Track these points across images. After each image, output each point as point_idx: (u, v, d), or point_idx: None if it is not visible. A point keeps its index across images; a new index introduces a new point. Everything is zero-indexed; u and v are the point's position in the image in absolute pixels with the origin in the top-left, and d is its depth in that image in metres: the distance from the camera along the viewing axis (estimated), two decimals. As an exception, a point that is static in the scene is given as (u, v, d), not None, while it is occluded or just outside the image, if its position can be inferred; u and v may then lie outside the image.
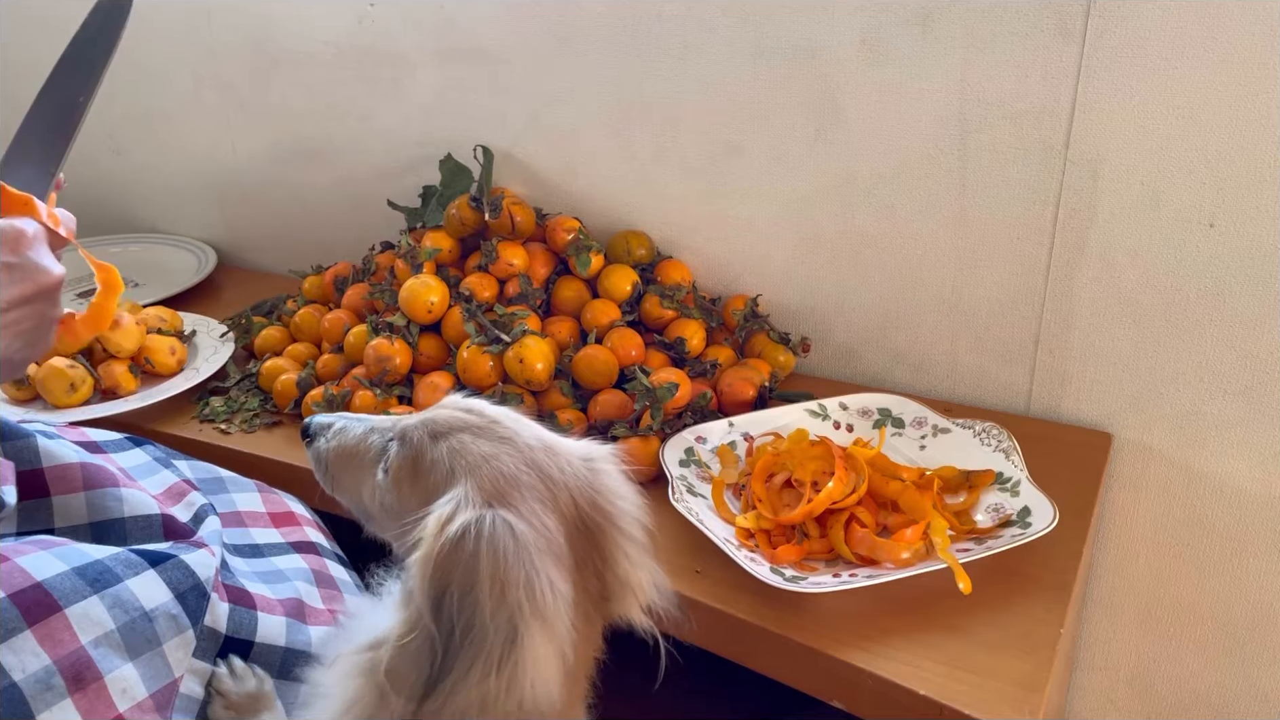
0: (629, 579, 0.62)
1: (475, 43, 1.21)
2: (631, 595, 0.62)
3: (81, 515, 0.70)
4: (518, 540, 0.56)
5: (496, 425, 0.62)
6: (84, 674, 0.58)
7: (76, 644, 0.59)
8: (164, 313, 1.23)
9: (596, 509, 0.62)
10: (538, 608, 0.54)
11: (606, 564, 0.61)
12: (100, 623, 0.60)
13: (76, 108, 0.69)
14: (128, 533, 0.70)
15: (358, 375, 1.07)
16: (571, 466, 0.62)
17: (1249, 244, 0.91)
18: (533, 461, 0.61)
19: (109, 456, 0.78)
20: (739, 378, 1.04)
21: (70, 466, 0.71)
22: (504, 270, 1.14)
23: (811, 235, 1.11)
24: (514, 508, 0.57)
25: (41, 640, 0.58)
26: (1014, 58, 0.94)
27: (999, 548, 0.80)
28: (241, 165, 1.48)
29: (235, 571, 0.73)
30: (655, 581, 0.63)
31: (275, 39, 1.34)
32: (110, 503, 0.71)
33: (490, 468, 0.59)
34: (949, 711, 0.69)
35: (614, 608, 0.62)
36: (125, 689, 0.60)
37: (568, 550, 0.59)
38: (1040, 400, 1.06)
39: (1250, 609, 1.03)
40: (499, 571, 0.54)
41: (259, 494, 0.84)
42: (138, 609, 0.62)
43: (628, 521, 0.62)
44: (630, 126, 1.16)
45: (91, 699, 0.58)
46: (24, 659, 0.57)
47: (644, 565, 0.63)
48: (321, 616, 0.75)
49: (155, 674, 0.62)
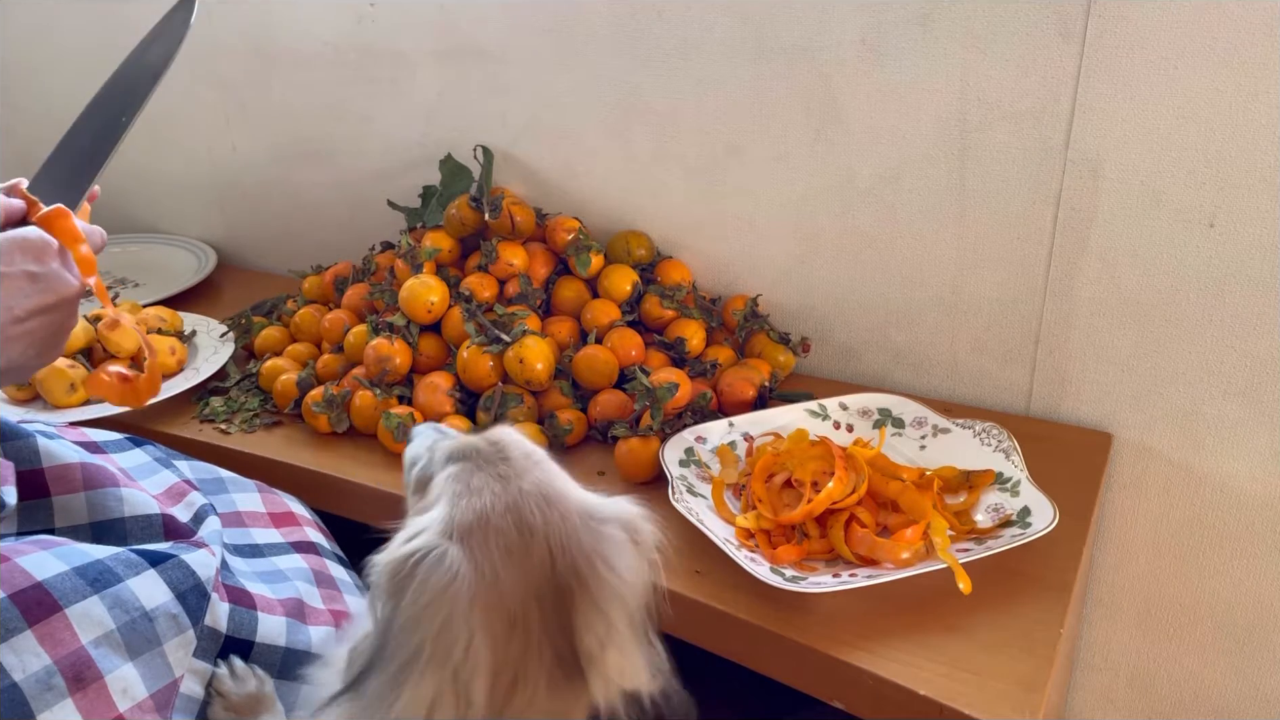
0: (595, 659, 0.55)
1: (475, 43, 1.21)
2: (599, 677, 0.55)
3: (82, 515, 0.70)
4: (453, 582, 0.53)
5: (503, 463, 0.59)
6: (84, 674, 0.58)
7: (77, 644, 0.59)
8: (164, 313, 1.23)
9: (574, 572, 0.56)
10: (440, 656, 0.52)
11: (573, 635, 0.55)
12: (100, 622, 0.60)
13: (119, 128, 0.69)
14: (128, 532, 0.70)
15: (358, 375, 1.07)
16: (566, 522, 0.57)
17: (1249, 244, 0.91)
18: (514, 506, 0.56)
19: (109, 456, 0.78)
20: (739, 378, 1.04)
21: (70, 466, 0.71)
22: (504, 270, 1.14)
23: (811, 235, 1.11)
24: (471, 550, 0.54)
25: (42, 640, 0.58)
26: (1014, 58, 0.94)
27: (999, 548, 0.80)
28: (241, 165, 1.48)
29: (235, 571, 0.73)
30: (646, 666, 0.57)
31: (275, 39, 1.34)
32: (110, 502, 0.71)
33: (470, 503, 0.56)
34: (949, 711, 0.69)
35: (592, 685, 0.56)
36: (125, 689, 0.60)
37: (522, 609, 0.54)
38: (1040, 400, 1.06)
39: (1250, 609, 1.03)
40: (420, 606, 0.52)
41: (259, 494, 0.84)
42: (138, 609, 0.62)
43: (604, 594, 0.55)
44: (630, 126, 1.16)
45: (92, 699, 0.58)
46: (24, 659, 0.57)
47: (619, 646, 0.55)
48: (321, 616, 0.75)
49: (155, 674, 0.62)
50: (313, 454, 1.04)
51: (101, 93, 0.70)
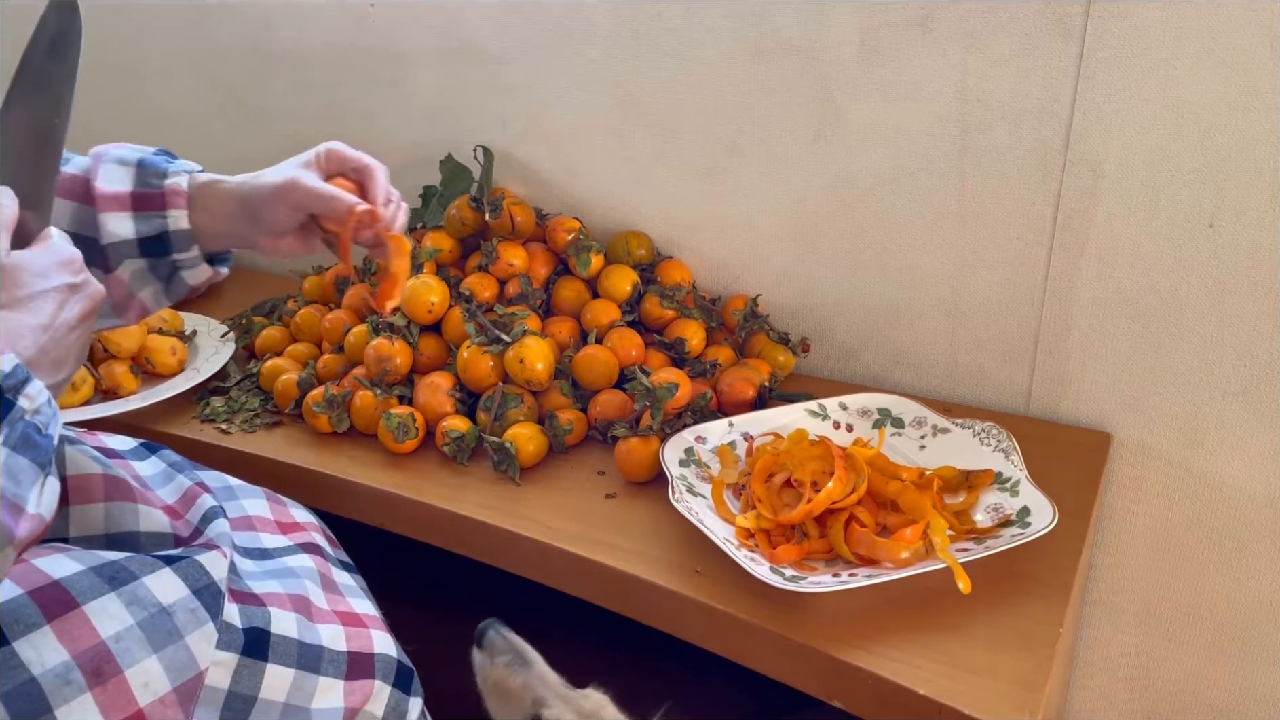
0: None
1: (475, 43, 1.21)
2: None
3: (99, 526, 0.71)
4: None
5: None
6: (103, 668, 0.58)
7: (97, 639, 0.59)
8: (164, 312, 1.23)
9: None
10: None
11: None
12: (119, 618, 0.60)
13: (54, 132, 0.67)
14: (140, 546, 0.71)
15: (358, 375, 1.07)
16: None
17: (1249, 244, 0.91)
18: None
19: (126, 463, 0.79)
20: (739, 378, 1.04)
21: (92, 477, 0.72)
22: (504, 270, 1.14)
23: (811, 235, 1.11)
24: None
25: (60, 636, 0.58)
26: (1014, 58, 0.94)
27: (998, 547, 0.80)
28: (241, 165, 1.47)
29: (244, 574, 0.73)
30: None
31: (275, 39, 1.34)
32: (128, 516, 0.72)
33: None
34: (949, 711, 0.70)
35: None
36: (147, 683, 0.60)
37: None
38: (1040, 400, 1.06)
39: (1250, 609, 1.03)
40: None
41: (267, 502, 0.85)
42: (155, 604, 0.62)
43: None
44: (630, 126, 1.16)
45: (111, 693, 0.58)
46: (43, 654, 0.57)
47: None
48: (326, 617, 0.75)
49: (179, 667, 0.62)
50: (313, 454, 1.04)
51: (14, 93, 0.67)
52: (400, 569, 0.99)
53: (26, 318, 0.59)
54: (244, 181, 0.81)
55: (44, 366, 0.59)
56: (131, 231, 0.78)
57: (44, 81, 0.68)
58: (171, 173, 0.80)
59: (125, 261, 0.78)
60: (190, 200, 0.80)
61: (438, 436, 1.01)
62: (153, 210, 0.78)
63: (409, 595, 0.90)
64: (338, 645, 0.72)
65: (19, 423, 0.53)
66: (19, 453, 0.53)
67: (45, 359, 0.59)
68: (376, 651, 0.75)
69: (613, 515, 0.92)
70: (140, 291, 0.81)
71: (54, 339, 0.60)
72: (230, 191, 0.81)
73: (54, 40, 0.69)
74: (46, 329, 0.60)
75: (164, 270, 0.80)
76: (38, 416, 0.55)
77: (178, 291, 0.82)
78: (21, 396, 0.54)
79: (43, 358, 0.59)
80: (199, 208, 0.80)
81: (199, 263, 0.81)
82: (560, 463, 1.01)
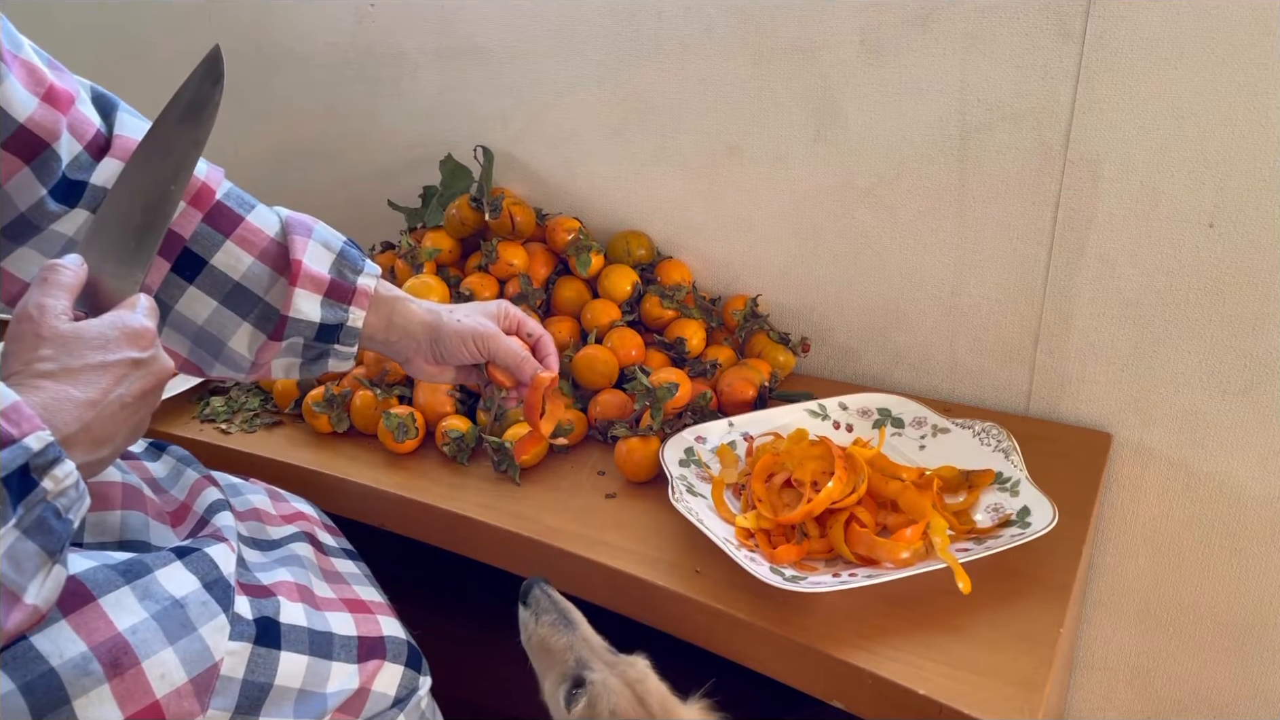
0: None
1: (475, 43, 1.21)
2: None
3: (114, 533, 0.72)
4: None
5: None
6: (121, 660, 0.59)
7: (114, 631, 0.59)
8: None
9: None
10: None
11: None
12: (134, 610, 0.61)
13: (169, 199, 0.69)
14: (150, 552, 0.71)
15: (358, 375, 1.07)
16: None
17: (1249, 244, 0.91)
18: None
19: (140, 464, 0.80)
20: (739, 378, 1.04)
21: (112, 485, 0.72)
22: (504, 270, 1.14)
23: (811, 235, 1.11)
24: None
25: (78, 628, 0.58)
26: (1014, 58, 0.94)
27: (999, 547, 0.80)
28: (241, 165, 1.48)
29: (251, 566, 0.73)
30: None
31: (275, 39, 1.35)
32: (139, 524, 0.73)
33: None
34: (949, 711, 0.70)
35: None
36: (164, 674, 0.60)
37: None
38: (1039, 400, 1.06)
39: (1250, 609, 1.03)
40: None
41: (270, 499, 0.85)
42: (168, 597, 0.63)
43: None
44: (630, 126, 1.16)
45: (129, 684, 0.59)
46: (61, 646, 0.57)
47: None
48: (331, 605, 0.75)
49: (195, 658, 0.62)
50: (313, 454, 1.04)
51: (139, 155, 0.69)
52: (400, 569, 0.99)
53: (74, 391, 0.56)
54: (432, 311, 0.84)
55: (82, 444, 0.56)
56: (317, 315, 0.78)
57: (170, 147, 0.70)
58: (365, 272, 0.81)
59: (294, 337, 0.78)
60: (371, 302, 0.81)
61: (438, 436, 1.01)
62: (340, 302, 0.79)
63: (409, 595, 0.90)
64: (346, 630, 0.73)
65: (38, 505, 0.51)
66: (30, 537, 0.51)
67: (86, 436, 0.56)
68: (386, 634, 0.76)
69: (613, 515, 0.92)
70: (280, 359, 0.81)
71: (101, 416, 0.57)
72: (421, 317, 0.83)
73: (190, 107, 0.71)
74: (94, 405, 0.56)
75: (315, 352, 0.81)
76: (60, 499, 0.53)
77: (311, 371, 0.82)
78: (47, 477, 0.52)
79: (83, 434, 0.56)
80: (376, 312, 0.81)
81: (350, 358, 0.82)
82: (560, 463, 1.01)
